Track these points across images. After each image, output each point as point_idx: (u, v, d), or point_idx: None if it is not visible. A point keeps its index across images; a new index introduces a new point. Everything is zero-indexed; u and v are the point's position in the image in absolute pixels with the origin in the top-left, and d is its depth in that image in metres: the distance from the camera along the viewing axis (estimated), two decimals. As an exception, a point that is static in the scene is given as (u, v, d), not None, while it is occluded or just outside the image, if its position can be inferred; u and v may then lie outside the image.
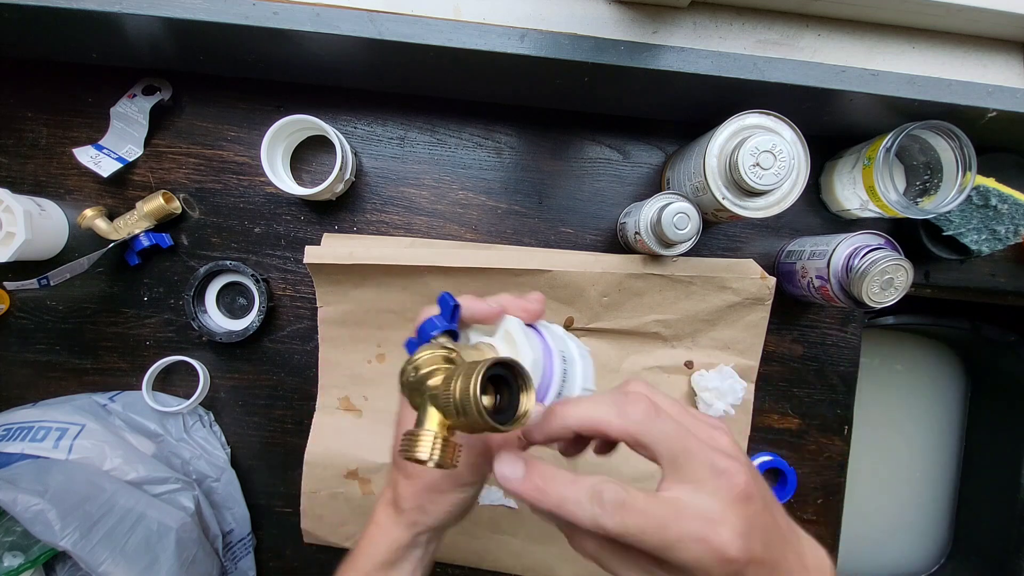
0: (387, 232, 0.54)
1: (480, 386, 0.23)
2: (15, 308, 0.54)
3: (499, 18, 0.41)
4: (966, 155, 0.44)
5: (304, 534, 0.55)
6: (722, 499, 0.22)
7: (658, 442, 0.24)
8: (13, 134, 0.52)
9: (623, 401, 0.25)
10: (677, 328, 0.53)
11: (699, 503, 0.22)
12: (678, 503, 0.22)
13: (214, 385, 0.55)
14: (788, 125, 0.43)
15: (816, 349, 0.56)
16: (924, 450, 0.76)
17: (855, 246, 0.46)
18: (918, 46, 0.44)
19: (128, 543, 0.42)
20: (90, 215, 0.49)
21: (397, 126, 0.53)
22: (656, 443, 0.24)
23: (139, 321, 0.54)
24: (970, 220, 0.51)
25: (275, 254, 0.54)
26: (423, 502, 0.32)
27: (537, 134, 0.54)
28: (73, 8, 0.38)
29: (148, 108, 0.51)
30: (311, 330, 0.54)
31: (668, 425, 0.24)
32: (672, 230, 0.45)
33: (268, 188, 0.53)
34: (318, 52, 0.44)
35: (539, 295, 0.32)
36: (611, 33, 0.41)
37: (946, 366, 0.76)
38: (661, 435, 0.24)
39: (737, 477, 0.22)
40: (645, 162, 0.54)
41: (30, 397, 0.53)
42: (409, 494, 0.33)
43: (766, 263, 0.54)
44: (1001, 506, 0.67)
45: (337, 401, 0.54)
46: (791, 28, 0.43)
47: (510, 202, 0.54)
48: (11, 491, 0.39)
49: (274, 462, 0.55)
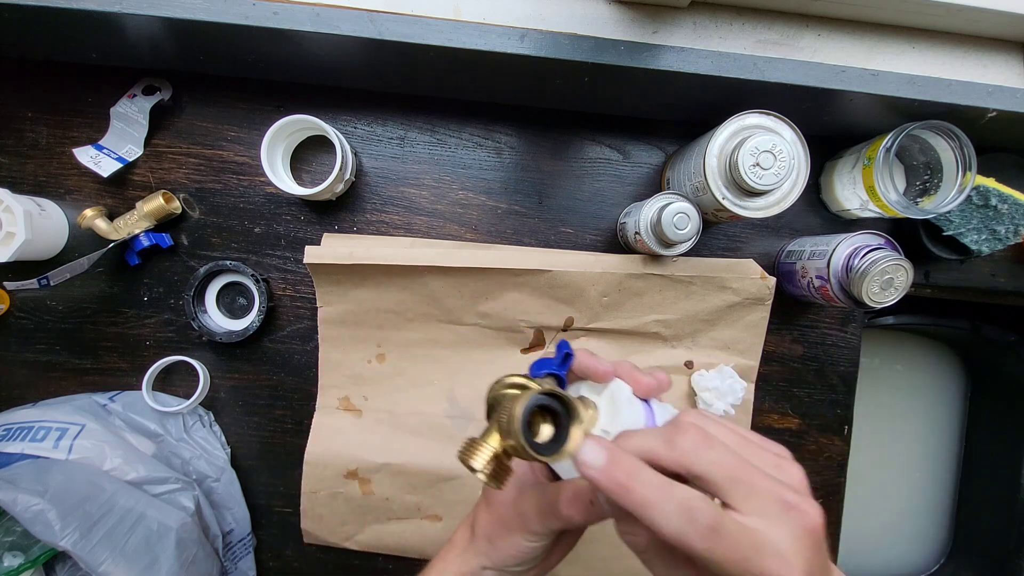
0: (387, 232, 0.54)
1: (523, 411, 0.23)
2: (15, 308, 0.54)
3: (499, 18, 0.41)
4: (966, 155, 0.44)
5: (304, 534, 0.55)
6: (795, 537, 0.22)
7: (711, 472, 0.23)
8: (13, 134, 0.52)
9: (673, 432, 0.24)
10: (677, 328, 0.53)
11: (775, 539, 0.21)
12: (757, 536, 0.22)
13: (214, 385, 0.55)
14: (788, 125, 0.43)
15: (816, 349, 0.56)
16: (924, 450, 0.76)
17: (855, 246, 0.46)
18: (918, 46, 0.44)
19: (128, 543, 0.42)
20: (90, 215, 0.49)
21: (397, 126, 0.53)
22: (710, 473, 0.23)
23: (139, 321, 0.54)
24: (970, 220, 0.51)
25: (275, 254, 0.54)
26: (493, 534, 0.32)
27: (537, 134, 0.54)
28: (73, 8, 0.38)
29: (148, 108, 0.51)
30: (311, 330, 0.54)
31: (720, 455, 0.23)
32: (672, 230, 0.45)
33: (268, 188, 0.53)
34: (318, 52, 0.44)
35: (663, 376, 0.31)
36: (611, 33, 0.41)
37: (946, 366, 0.76)
38: (714, 465, 0.23)
39: (809, 515, 0.22)
40: (645, 162, 0.54)
41: (30, 397, 0.53)
42: (485, 521, 0.33)
43: (766, 263, 0.54)
44: (1001, 506, 0.67)
45: (337, 401, 0.54)
46: (791, 28, 0.43)
47: (510, 202, 0.54)
48: (11, 491, 0.39)
49: (274, 462, 0.55)
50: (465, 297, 0.52)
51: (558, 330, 0.54)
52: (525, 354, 0.54)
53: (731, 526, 0.21)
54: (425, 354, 0.54)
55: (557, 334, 0.54)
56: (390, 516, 0.54)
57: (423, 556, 0.55)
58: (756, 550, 0.21)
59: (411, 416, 0.54)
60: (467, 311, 0.52)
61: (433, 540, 0.54)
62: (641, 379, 0.30)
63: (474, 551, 0.32)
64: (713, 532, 0.21)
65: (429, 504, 0.54)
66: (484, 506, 0.33)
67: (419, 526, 0.54)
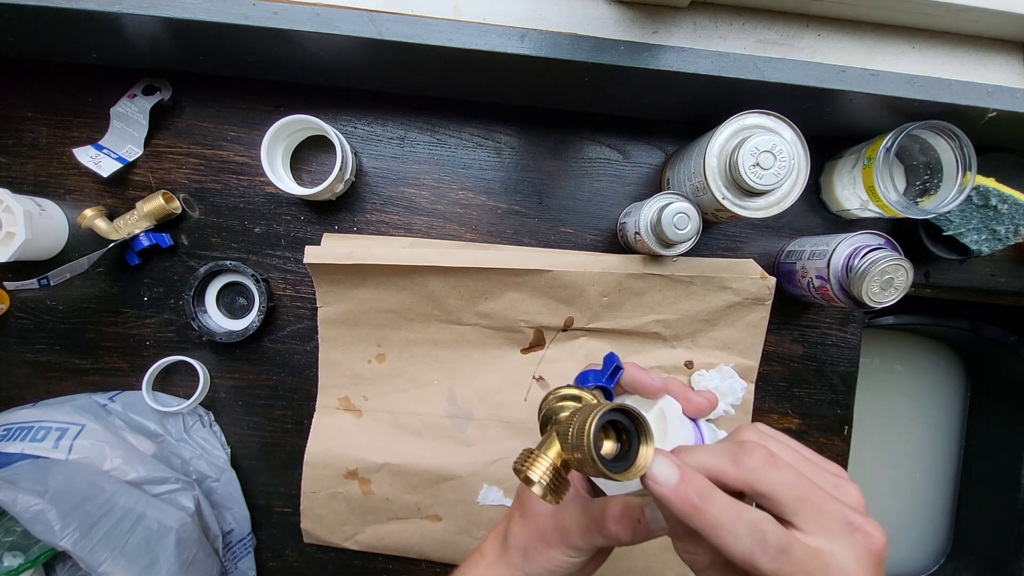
0: (387, 232, 0.54)
1: (596, 425, 0.23)
2: (15, 308, 0.54)
3: (499, 18, 0.41)
4: (966, 155, 0.44)
5: (304, 534, 0.55)
6: (860, 559, 0.22)
7: (778, 492, 0.23)
8: (13, 134, 0.52)
9: (738, 451, 0.24)
10: (677, 328, 0.53)
11: (841, 560, 0.22)
12: (824, 557, 0.22)
13: (214, 385, 0.55)
14: (788, 125, 0.42)
15: (816, 349, 0.56)
16: (924, 450, 0.76)
17: (855, 246, 0.46)
18: (918, 46, 0.44)
19: (128, 543, 0.42)
20: (90, 215, 0.49)
21: (397, 126, 0.53)
22: (777, 493, 0.23)
23: (139, 321, 0.54)
24: (970, 220, 0.51)
25: (275, 254, 0.54)
26: (528, 546, 0.31)
27: (537, 134, 0.54)
28: (73, 8, 0.38)
29: (148, 108, 0.51)
30: (311, 330, 0.54)
31: (787, 475, 0.23)
32: (672, 230, 0.45)
33: (268, 188, 0.53)
34: (318, 52, 0.44)
35: (713, 396, 0.31)
36: (611, 33, 0.41)
37: (946, 366, 0.76)
38: (781, 485, 0.23)
39: (874, 537, 0.22)
40: (645, 162, 0.54)
41: (30, 397, 0.53)
42: (520, 533, 0.32)
43: (766, 263, 0.54)
44: (1001, 506, 0.67)
45: (337, 401, 0.54)
46: (791, 28, 0.43)
47: (510, 202, 0.54)
48: (11, 491, 0.39)
49: (274, 462, 0.55)
50: (465, 297, 0.52)
51: (558, 330, 0.54)
52: (525, 354, 0.54)
53: (799, 548, 0.22)
54: (425, 354, 0.54)
55: (557, 334, 0.54)
56: (390, 516, 0.54)
57: (423, 556, 0.55)
58: (822, 571, 0.21)
59: (411, 416, 0.54)
60: (467, 311, 0.52)
61: (433, 540, 0.54)
62: (693, 398, 0.30)
63: (506, 563, 0.31)
64: (782, 554, 0.21)
65: (429, 504, 0.54)
66: (519, 517, 0.32)
67: (419, 526, 0.54)
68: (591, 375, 0.30)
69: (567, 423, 0.24)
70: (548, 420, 0.28)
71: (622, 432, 0.24)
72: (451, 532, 0.54)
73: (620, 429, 0.24)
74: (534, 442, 0.56)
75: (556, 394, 0.28)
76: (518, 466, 0.25)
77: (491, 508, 0.54)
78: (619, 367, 0.30)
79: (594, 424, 0.23)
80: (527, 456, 0.26)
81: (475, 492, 0.53)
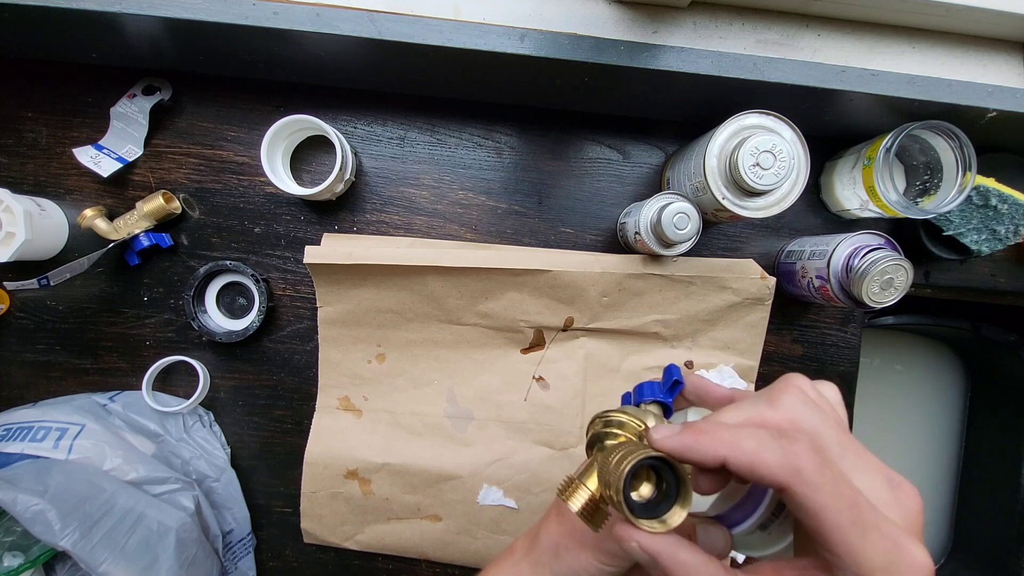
0: (387, 232, 0.54)
1: (629, 471, 0.22)
2: (15, 308, 0.54)
3: (499, 18, 0.41)
4: (966, 155, 0.44)
5: (304, 534, 0.55)
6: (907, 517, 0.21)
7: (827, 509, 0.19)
8: (13, 134, 0.52)
9: (787, 445, 0.21)
10: (677, 328, 0.53)
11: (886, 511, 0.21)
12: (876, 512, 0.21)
13: (214, 385, 0.55)
14: (788, 125, 0.42)
15: (816, 349, 0.56)
16: (924, 450, 0.76)
17: (855, 246, 0.46)
18: (918, 46, 0.44)
19: (128, 543, 0.42)
20: (90, 215, 0.49)
21: (397, 126, 0.53)
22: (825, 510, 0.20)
23: (139, 321, 0.54)
24: (970, 220, 0.51)
25: (275, 254, 0.54)
26: (561, 545, 0.30)
27: (537, 134, 0.54)
28: (73, 8, 0.38)
29: (148, 108, 0.51)
30: (311, 330, 0.54)
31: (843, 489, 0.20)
32: (672, 230, 0.45)
33: (268, 188, 0.53)
34: (318, 52, 0.44)
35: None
36: (611, 33, 0.41)
37: (946, 366, 0.76)
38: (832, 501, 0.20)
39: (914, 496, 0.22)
40: (645, 162, 0.54)
41: (30, 397, 0.53)
42: (554, 531, 0.31)
43: (766, 263, 0.54)
44: (1001, 506, 0.67)
45: (337, 401, 0.54)
46: (791, 28, 0.43)
47: (510, 202, 0.54)
48: (11, 491, 0.39)
49: (274, 462, 0.55)
50: (465, 297, 0.52)
51: (558, 330, 0.54)
52: (525, 354, 0.54)
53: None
54: (425, 354, 0.54)
55: (557, 334, 0.54)
56: (390, 516, 0.54)
57: (423, 556, 0.55)
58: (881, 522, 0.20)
59: (411, 416, 0.54)
60: (467, 311, 0.52)
61: (433, 540, 0.54)
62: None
63: (533, 560, 0.31)
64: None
65: (429, 504, 0.54)
66: (555, 516, 0.31)
67: (419, 526, 0.54)
68: (647, 387, 0.29)
69: (605, 459, 0.24)
70: (595, 442, 0.27)
71: (662, 479, 0.23)
72: (451, 532, 0.54)
73: (660, 473, 0.24)
74: (534, 442, 0.56)
75: (604, 418, 0.27)
76: (560, 494, 0.26)
77: (491, 508, 0.54)
78: (679, 381, 0.29)
79: (626, 471, 0.22)
80: (568, 484, 0.26)
81: (475, 492, 0.53)
